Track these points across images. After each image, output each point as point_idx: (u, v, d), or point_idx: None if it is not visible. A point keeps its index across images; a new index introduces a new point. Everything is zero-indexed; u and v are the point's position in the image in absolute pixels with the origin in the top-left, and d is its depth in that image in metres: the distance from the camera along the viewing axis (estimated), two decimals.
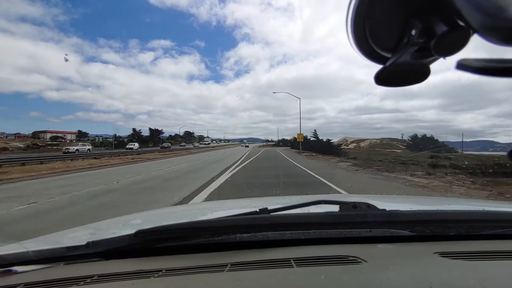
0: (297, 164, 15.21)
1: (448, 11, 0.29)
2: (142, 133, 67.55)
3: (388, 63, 0.37)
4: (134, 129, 67.92)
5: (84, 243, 0.75)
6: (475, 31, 0.28)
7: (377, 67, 0.38)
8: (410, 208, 0.86)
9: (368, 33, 0.35)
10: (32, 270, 0.72)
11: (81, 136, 74.39)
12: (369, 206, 0.81)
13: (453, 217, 0.84)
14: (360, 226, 0.78)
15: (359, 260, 0.66)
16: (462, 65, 0.30)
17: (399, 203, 1.55)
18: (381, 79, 0.39)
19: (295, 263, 0.66)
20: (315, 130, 42.27)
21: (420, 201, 1.66)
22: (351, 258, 0.67)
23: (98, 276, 0.64)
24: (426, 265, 0.64)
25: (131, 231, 0.75)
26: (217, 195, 5.96)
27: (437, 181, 8.32)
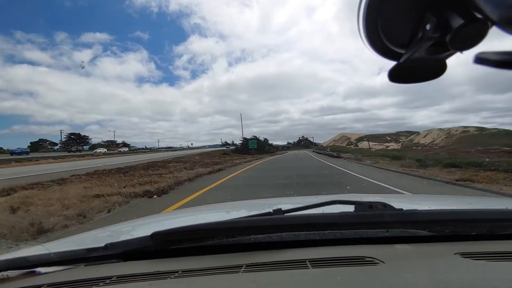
0: None
1: (464, 3, 0.29)
2: None
3: (402, 60, 0.36)
4: None
5: (103, 245, 0.77)
6: (493, 24, 0.27)
7: (391, 63, 0.38)
8: (429, 208, 0.84)
9: (381, 29, 0.35)
10: (55, 271, 0.75)
11: None
12: (385, 206, 0.79)
13: (474, 216, 0.81)
14: (377, 227, 0.76)
15: (376, 261, 0.64)
16: (481, 59, 0.29)
17: (417, 202, 1.50)
18: (395, 76, 0.38)
19: (310, 264, 0.65)
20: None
21: (439, 200, 1.61)
22: (367, 259, 0.65)
23: (117, 277, 0.66)
24: (447, 266, 0.62)
25: (147, 232, 0.76)
26: None
27: None
